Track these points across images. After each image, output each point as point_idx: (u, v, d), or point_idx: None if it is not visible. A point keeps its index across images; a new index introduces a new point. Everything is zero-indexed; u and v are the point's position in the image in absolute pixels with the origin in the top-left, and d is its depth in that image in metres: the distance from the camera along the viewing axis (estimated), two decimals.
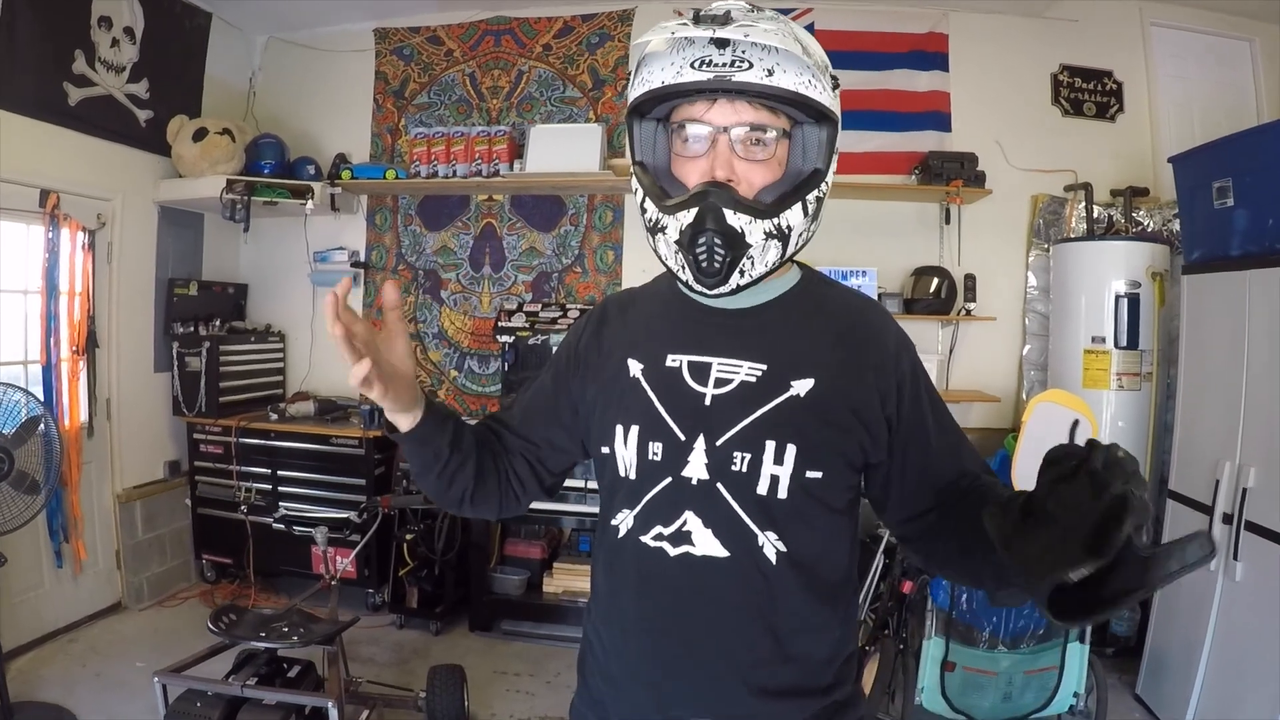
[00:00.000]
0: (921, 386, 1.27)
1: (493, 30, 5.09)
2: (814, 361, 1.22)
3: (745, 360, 1.23)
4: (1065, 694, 3.19)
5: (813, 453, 1.18)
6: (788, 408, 1.19)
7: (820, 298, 1.30)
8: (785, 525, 1.19)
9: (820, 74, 1.12)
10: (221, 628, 2.97)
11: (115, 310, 4.44)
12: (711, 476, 1.20)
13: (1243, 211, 3.24)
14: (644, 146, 1.25)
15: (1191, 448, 3.55)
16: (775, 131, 1.15)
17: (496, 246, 5.11)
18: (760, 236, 1.15)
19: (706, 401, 1.22)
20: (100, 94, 4.23)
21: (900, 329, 1.31)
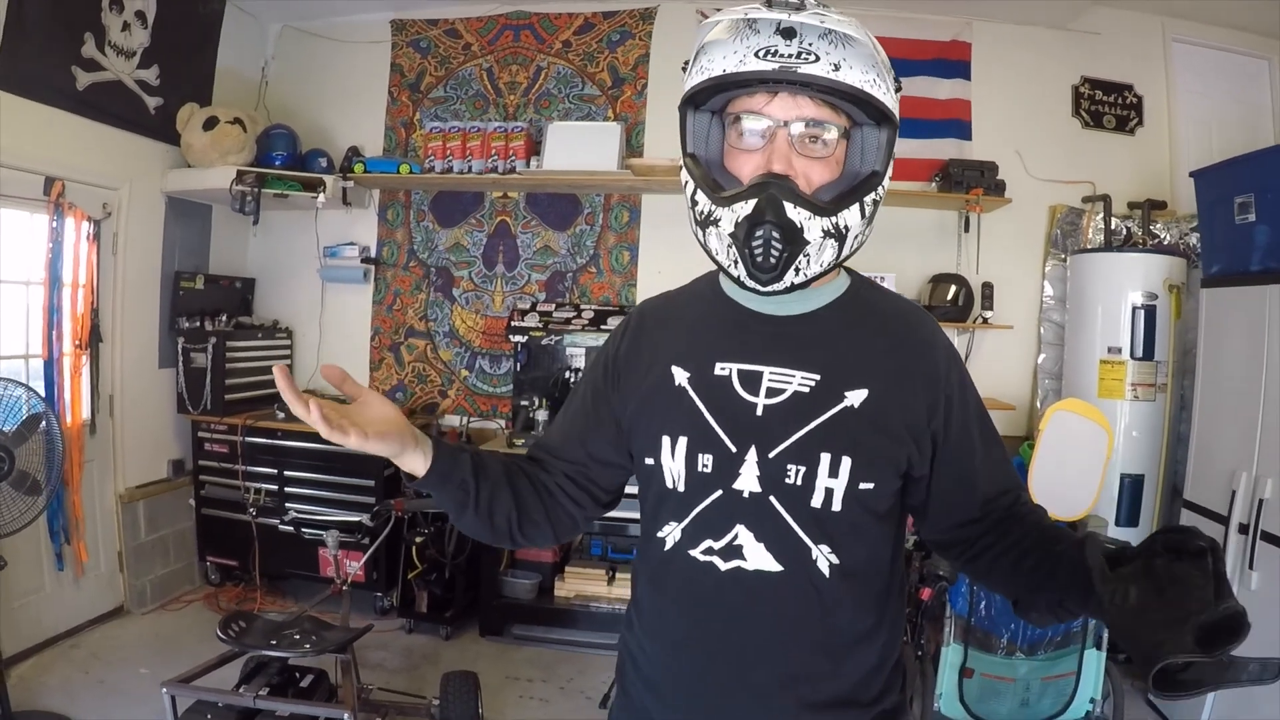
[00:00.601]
0: (970, 401, 1.24)
1: (512, 25, 4.94)
2: (867, 371, 1.18)
3: (798, 370, 1.19)
4: (1082, 700, 3.15)
5: (867, 464, 1.15)
6: (842, 419, 1.16)
7: (870, 304, 1.26)
8: (838, 538, 1.16)
9: (885, 74, 1.08)
10: (231, 635, 2.83)
11: (120, 303, 4.24)
12: (764, 489, 1.16)
13: (1264, 227, 3.22)
14: (696, 138, 1.19)
15: (1207, 458, 3.53)
16: (836, 129, 1.11)
17: (510, 245, 4.97)
18: (819, 234, 1.10)
19: (758, 412, 1.18)
20: (109, 79, 4.02)
21: (949, 341, 1.27)
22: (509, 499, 1.28)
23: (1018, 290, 4.64)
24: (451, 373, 5.05)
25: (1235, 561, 3.18)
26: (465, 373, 5.03)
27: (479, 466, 1.25)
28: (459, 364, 5.04)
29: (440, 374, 5.05)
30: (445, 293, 5.04)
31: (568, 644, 4.22)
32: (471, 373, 5.02)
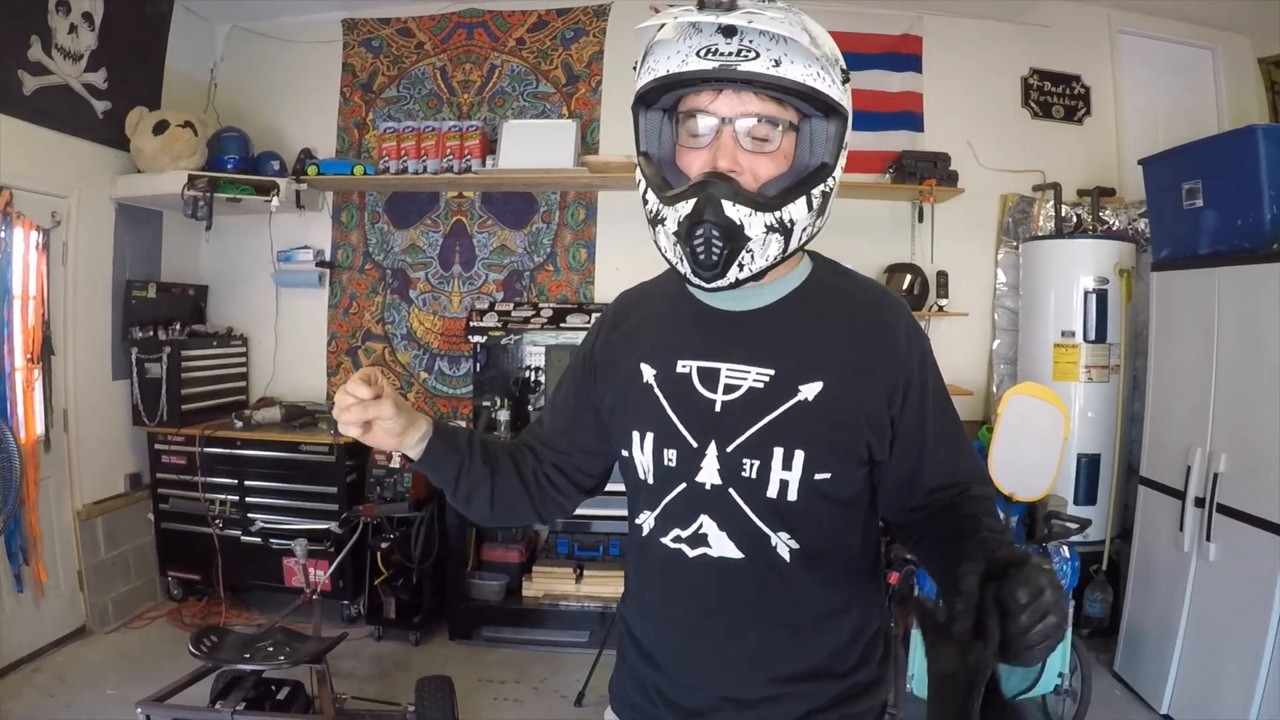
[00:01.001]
0: (929, 387, 1.27)
1: (465, 23, 5.05)
2: (822, 363, 1.23)
3: (753, 366, 1.24)
4: (1050, 675, 3.33)
5: (821, 456, 1.21)
6: (796, 413, 1.21)
7: (832, 291, 1.30)
8: (797, 525, 1.23)
9: (830, 66, 1.12)
10: (204, 651, 2.91)
11: (71, 314, 4.26)
12: (724, 482, 1.24)
13: (1212, 212, 3.45)
14: (649, 137, 1.25)
15: (1162, 436, 3.76)
16: (782, 124, 1.15)
17: (467, 245, 5.09)
18: (760, 230, 1.14)
19: (717, 409, 1.25)
20: (57, 83, 4.07)
21: (912, 322, 1.30)
22: (492, 484, 1.41)
23: (971, 278, 4.89)
24: (410, 375, 5.16)
25: (1193, 534, 3.41)
26: (424, 375, 5.15)
27: (470, 453, 1.38)
28: (418, 366, 5.15)
29: (399, 377, 5.15)
30: (402, 295, 5.14)
31: (539, 644, 4.34)
32: (431, 375, 5.14)
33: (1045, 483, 3.35)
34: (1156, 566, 3.74)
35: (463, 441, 1.40)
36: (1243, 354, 3.24)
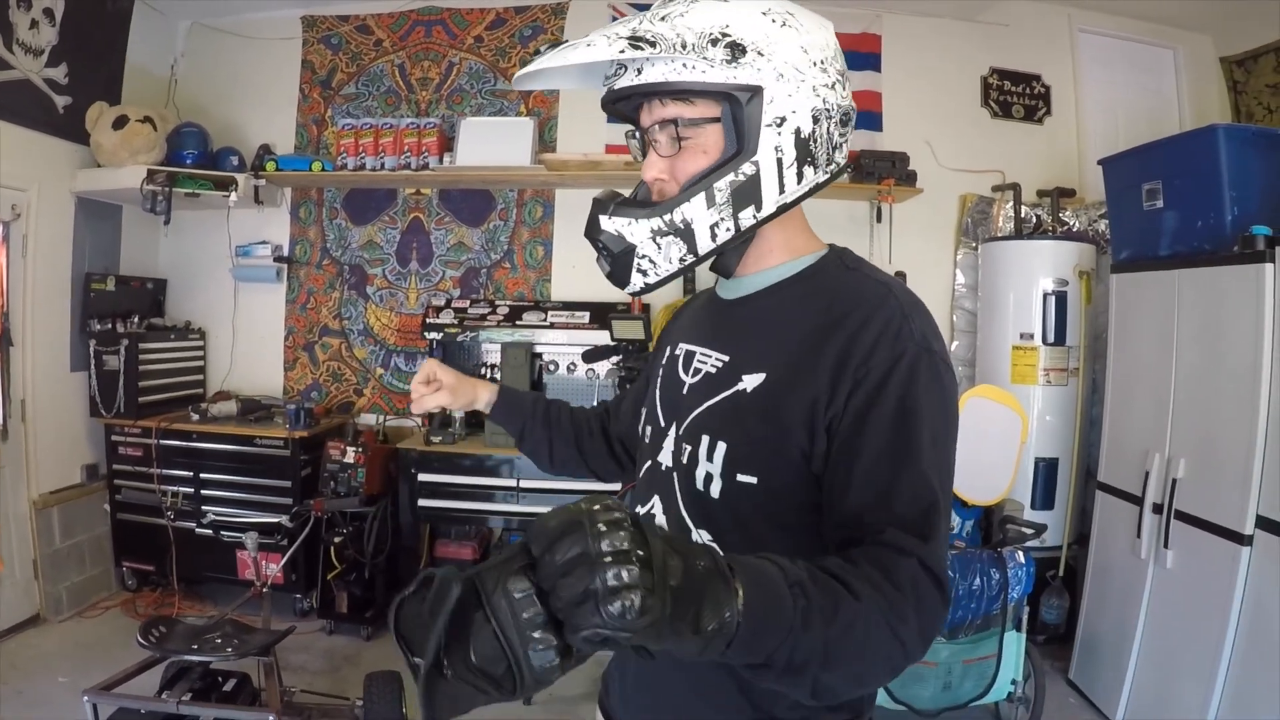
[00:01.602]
0: (886, 398, 1.09)
1: (423, 20, 5.31)
2: (773, 355, 1.20)
3: (715, 351, 1.29)
4: (1003, 681, 3.46)
5: (744, 454, 1.17)
6: (731, 403, 1.21)
7: (825, 285, 1.24)
8: (722, 529, 1.21)
9: (701, 50, 1.11)
10: (152, 641, 2.99)
11: (29, 306, 4.52)
12: (673, 464, 1.29)
13: (1172, 213, 3.57)
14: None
15: (1121, 440, 3.89)
16: (689, 119, 1.16)
17: (424, 241, 5.35)
18: (646, 235, 1.19)
19: (684, 390, 1.31)
20: (17, 78, 4.32)
21: (904, 321, 1.14)
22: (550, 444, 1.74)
23: (930, 279, 5.08)
24: (367, 371, 5.41)
25: (1150, 541, 3.54)
26: (381, 371, 5.40)
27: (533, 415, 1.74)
28: (374, 362, 5.41)
29: (356, 372, 5.42)
30: (359, 291, 5.41)
31: None
32: (387, 370, 5.39)
33: (1002, 487, 3.51)
34: (1113, 573, 3.87)
35: (527, 404, 1.75)
36: (1202, 358, 3.36)
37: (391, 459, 4.72)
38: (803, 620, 0.88)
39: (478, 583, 0.77)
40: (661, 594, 0.74)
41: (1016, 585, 3.39)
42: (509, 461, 4.52)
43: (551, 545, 0.74)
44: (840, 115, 1.20)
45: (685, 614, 0.78)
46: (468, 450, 4.61)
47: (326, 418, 5.08)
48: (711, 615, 0.80)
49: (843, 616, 0.92)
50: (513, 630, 0.74)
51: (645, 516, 1.31)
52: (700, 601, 0.80)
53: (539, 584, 0.75)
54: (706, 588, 0.81)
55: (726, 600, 0.82)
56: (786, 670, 0.91)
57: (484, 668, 0.76)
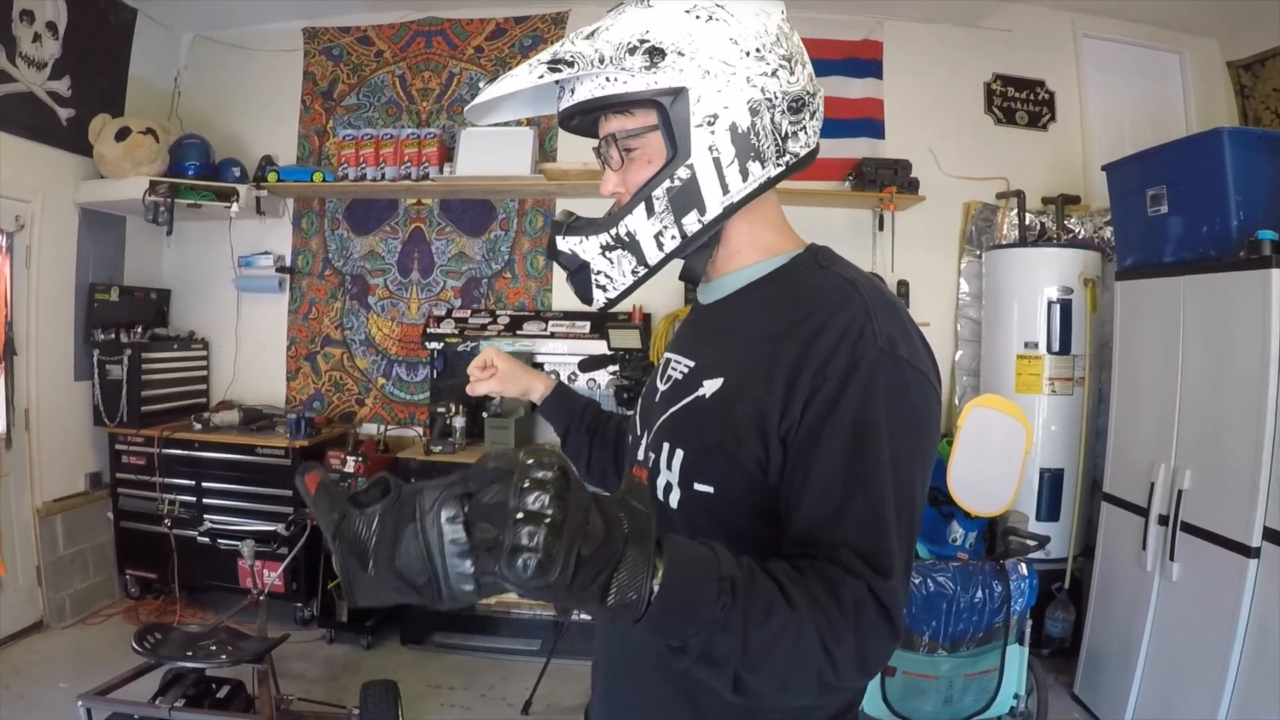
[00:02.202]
0: (844, 408, 1.02)
1: (424, 31, 5.27)
2: (730, 359, 1.16)
3: (685, 357, 1.26)
4: (1006, 696, 3.36)
5: (700, 462, 1.13)
6: (690, 409, 1.18)
7: (791, 285, 1.18)
8: None
9: (619, 62, 1.09)
10: (147, 647, 2.99)
11: (34, 316, 4.51)
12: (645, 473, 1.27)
13: (1177, 219, 3.49)
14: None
15: (1126, 451, 3.80)
16: (629, 131, 1.15)
17: (425, 251, 5.30)
18: (596, 252, 1.20)
19: (656, 398, 1.29)
20: (20, 90, 4.32)
21: (867, 321, 1.06)
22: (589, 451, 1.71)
23: (933, 287, 5.00)
24: (368, 381, 5.37)
25: (1156, 553, 3.45)
26: (382, 380, 5.35)
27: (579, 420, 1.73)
28: (376, 372, 5.36)
29: (357, 382, 5.37)
30: (361, 301, 5.36)
31: (490, 651, 4.49)
32: (388, 380, 5.34)
33: (1005, 498, 3.40)
34: (1119, 585, 3.77)
35: (577, 408, 1.75)
36: (1208, 366, 3.27)
37: (392, 468, 4.65)
38: (724, 617, 0.86)
39: (416, 498, 0.79)
40: (564, 560, 0.73)
41: (1019, 598, 3.29)
42: None
43: (481, 487, 0.77)
44: (788, 102, 1.14)
45: (590, 582, 0.77)
46: (468, 460, 4.49)
47: (328, 427, 5.04)
48: (620, 591, 0.79)
49: (772, 623, 0.88)
50: (437, 550, 0.77)
51: None
52: (611, 573, 0.79)
53: (467, 516, 0.77)
54: (623, 560, 0.79)
55: (640, 579, 0.80)
56: (702, 659, 0.89)
57: (405, 573, 0.78)
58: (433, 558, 0.77)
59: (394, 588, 0.79)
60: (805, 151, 1.20)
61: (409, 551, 0.78)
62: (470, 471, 0.79)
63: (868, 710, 3.32)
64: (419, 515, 0.78)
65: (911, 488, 1.04)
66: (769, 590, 0.90)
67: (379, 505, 0.80)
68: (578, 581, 0.75)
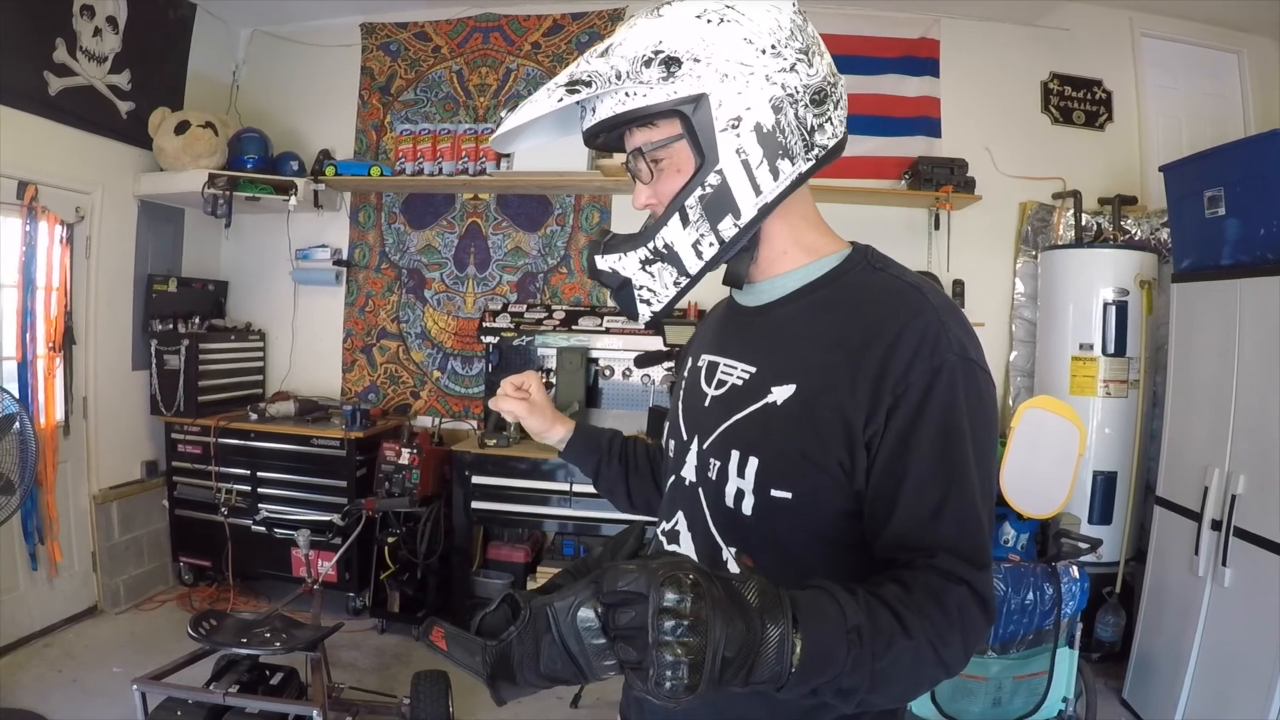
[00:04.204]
0: (927, 415, 1.01)
1: (481, 27, 5.14)
2: (802, 364, 1.11)
3: (740, 361, 1.20)
4: (1054, 699, 3.23)
5: (778, 469, 1.08)
6: (761, 416, 1.12)
7: (851, 288, 1.14)
8: (754, 546, 1.10)
9: (636, 76, 1.06)
10: (202, 633, 2.94)
11: (93, 306, 4.45)
12: (697, 480, 1.21)
13: (1234, 221, 3.33)
14: None
15: (1180, 455, 3.64)
16: (656, 142, 1.10)
17: (481, 246, 5.17)
18: (636, 267, 1.16)
19: (706, 403, 1.23)
20: (81, 84, 4.24)
21: (942, 328, 1.05)
22: (627, 482, 1.60)
23: (989, 287, 4.81)
24: (424, 374, 5.24)
25: (1208, 558, 3.31)
26: (437, 374, 5.22)
27: (609, 454, 1.61)
28: (431, 365, 5.23)
29: (412, 375, 5.25)
30: (417, 294, 5.24)
31: None
32: (443, 374, 5.22)
33: (1058, 500, 3.25)
34: (1170, 590, 3.63)
35: (603, 442, 1.62)
36: (1264, 370, 3.13)
37: (446, 461, 4.58)
38: (854, 663, 0.86)
39: (547, 610, 0.81)
40: (711, 674, 0.74)
41: (1070, 601, 3.16)
42: (563, 466, 4.32)
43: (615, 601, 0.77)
44: (810, 95, 1.10)
45: (734, 677, 0.77)
46: (522, 454, 4.40)
47: (382, 419, 4.94)
48: (764, 670, 0.79)
49: (893, 653, 0.90)
50: (579, 654, 0.79)
51: (670, 532, 1.27)
52: (754, 662, 0.78)
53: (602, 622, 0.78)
54: (763, 649, 0.79)
55: (782, 657, 0.80)
56: (832, 694, 0.89)
57: (551, 674, 0.82)
58: (575, 660, 0.80)
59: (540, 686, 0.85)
60: (833, 143, 1.14)
61: (551, 657, 0.81)
62: (602, 576, 0.79)
63: (916, 711, 3.21)
64: (555, 626, 0.80)
65: (991, 481, 1.07)
66: (889, 625, 0.90)
67: (513, 630, 0.84)
68: (723, 680, 0.76)
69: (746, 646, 0.77)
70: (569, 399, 4.66)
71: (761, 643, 0.79)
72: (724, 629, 0.75)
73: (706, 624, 0.73)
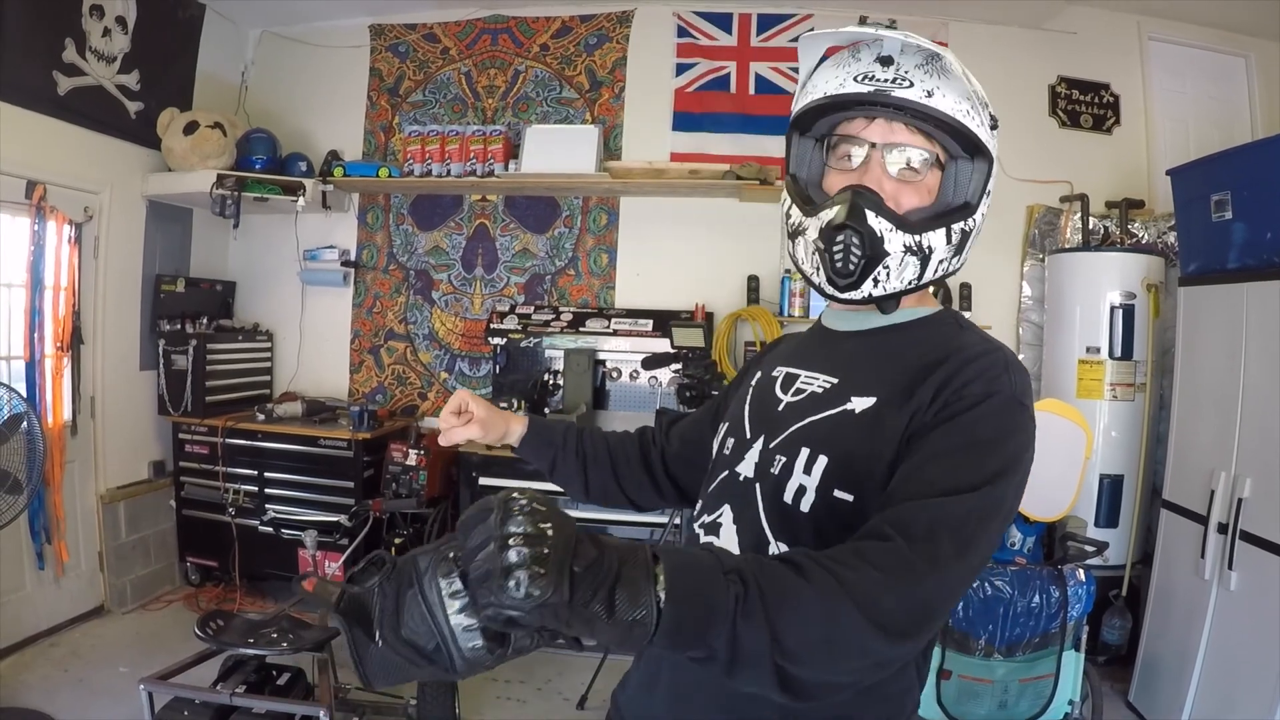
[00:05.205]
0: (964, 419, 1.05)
1: (490, 29, 5.10)
2: (883, 382, 1.15)
3: (823, 374, 1.23)
4: (1060, 702, 3.22)
5: (846, 471, 1.10)
6: (837, 421, 1.15)
7: (941, 334, 1.19)
8: (800, 541, 1.12)
9: (979, 107, 1.13)
10: (209, 633, 2.93)
11: (101, 306, 4.41)
12: (755, 475, 1.21)
13: (1241, 225, 3.30)
14: (799, 161, 1.27)
15: (1186, 458, 3.62)
16: (929, 156, 1.15)
17: (489, 247, 5.13)
18: (899, 247, 1.14)
19: (780, 407, 1.24)
20: (90, 84, 4.19)
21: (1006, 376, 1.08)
22: (585, 473, 1.57)
23: (996, 290, 4.77)
24: (431, 375, 5.20)
25: (1214, 561, 3.27)
26: (445, 375, 5.18)
27: (564, 445, 1.56)
28: (438, 366, 5.19)
29: (420, 376, 5.21)
30: (425, 295, 5.19)
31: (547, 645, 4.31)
32: (451, 375, 5.17)
33: (1064, 503, 3.27)
34: (1176, 594, 3.61)
35: (557, 436, 1.57)
36: (1270, 374, 3.10)
37: (453, 462, 4.56)
38: (741, 607, 0.82)
39: (411, 564, 0.80)
40: (558, 573, 0.72)
41: (1076, 604, 3.16)
42: None
43: (468, 530, 0.76)
44: None
45: (592, 597, 0.75)
46: None
47: (390, 420, 4.89)
48: (628, 602, 0.77)
49: (797, 601, 0.85)
50: (438, 607, 0.77)
51: (710, 524, 1.25)
52: (611, 585, 0.77)
53: (464, 569, 0.77)
54: (621, 572, 0.78)
55: (645, 587, 0.78)
56: (734, 662, 0.84)
57: (413, 641, 0.78)
58: (436, 618, 0.77)
59: (406, 658, 0.80)
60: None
61: (413, 617, 0.79)
62: (457, 528, 0.79)
63: (922, 713, 3.19)
64: (416, 579, 0.79)
65: (1001, 511, 1.03)
66: (781, 572, 0.87)
67: (376, 577, 0.82)
68: (577, 598, 0.74)
69: (598, 567, 0.76)
70: (576, 400, 4.61)
71: (617, 566, 0.78)
72: (567, 536, 0.75)
73: (547, 521, 0.74)
